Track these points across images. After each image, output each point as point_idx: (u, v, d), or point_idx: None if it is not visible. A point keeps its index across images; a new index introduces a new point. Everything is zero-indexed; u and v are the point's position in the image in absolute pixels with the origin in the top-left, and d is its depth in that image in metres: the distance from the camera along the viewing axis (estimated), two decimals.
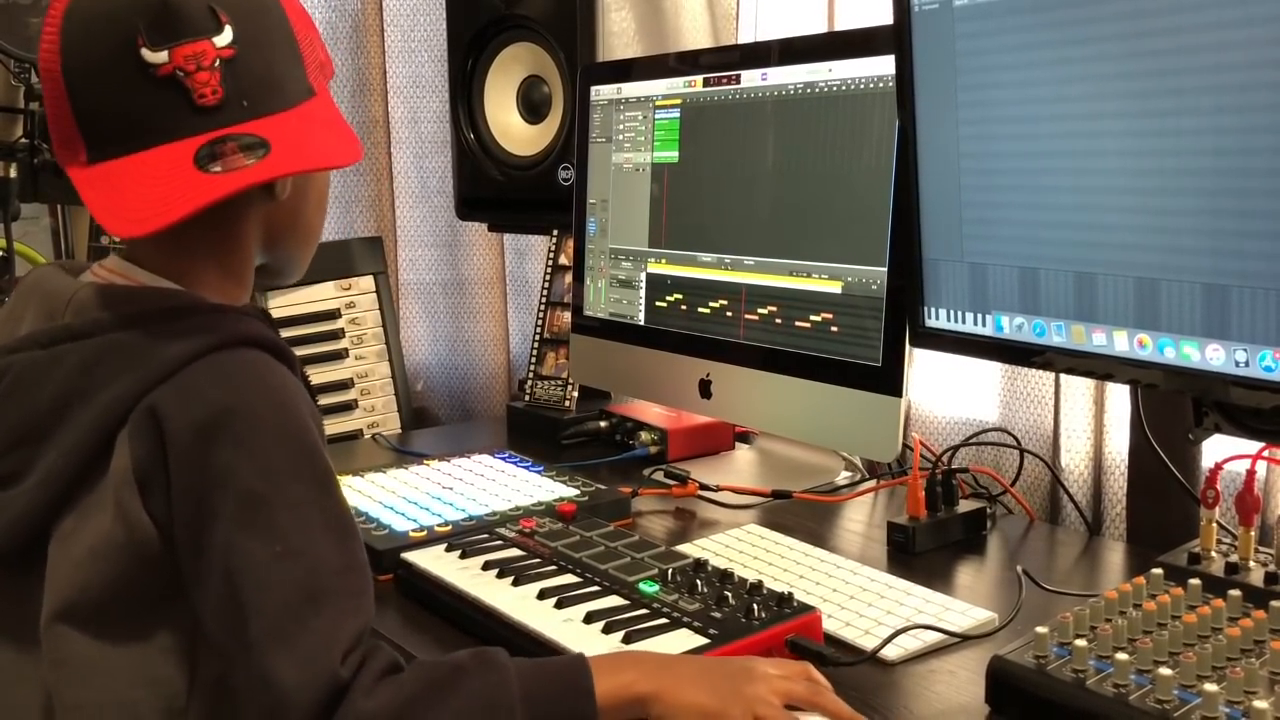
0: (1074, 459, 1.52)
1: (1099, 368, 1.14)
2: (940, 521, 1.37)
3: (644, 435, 1.74)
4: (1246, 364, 1.01)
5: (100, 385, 0.88)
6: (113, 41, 0.89)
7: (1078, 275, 1.12)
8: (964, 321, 1.25)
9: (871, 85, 1.39)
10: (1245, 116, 0.96)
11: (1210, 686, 0.87)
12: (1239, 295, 1.00)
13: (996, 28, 1.15)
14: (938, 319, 1.28)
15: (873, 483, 1.60)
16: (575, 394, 1.89)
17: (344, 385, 2.04)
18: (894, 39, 1.25)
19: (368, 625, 0.88)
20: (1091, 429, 1.51)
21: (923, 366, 1.72)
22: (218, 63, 0.90)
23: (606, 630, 1.04)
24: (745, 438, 1.82)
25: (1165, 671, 0.89)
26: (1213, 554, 1.13)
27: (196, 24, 0.89)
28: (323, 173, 1.04)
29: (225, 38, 0.90)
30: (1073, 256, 1.12)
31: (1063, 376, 1.51)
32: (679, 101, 1.66)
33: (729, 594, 1.09)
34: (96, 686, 0.88)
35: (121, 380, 0.87)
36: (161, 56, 0.89)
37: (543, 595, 1.13)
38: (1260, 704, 0.83)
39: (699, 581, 1.13)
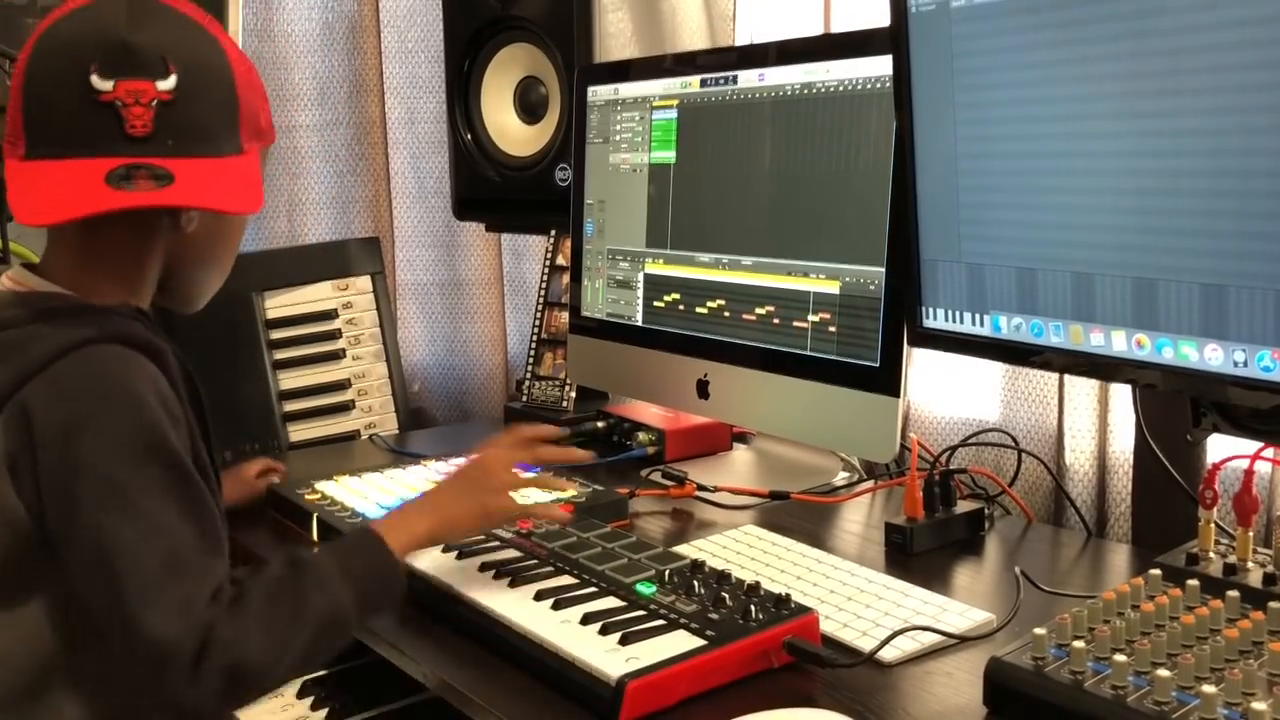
0: (1078, 459, 1.52)
1: (1097, 368, 1.14)
2: (938, 522, 1.37)
3: (642, 436, 1.74)
4: (1245, 364, 1.01)
5: None
6: (71, 62, 1.02)
7: (1075, 275, 1.12)
8: (962, 322, 1.25)
9: (869, 86, 1.39)
10: (1243, 117, 0.96)
11: (1208, 688, 0.86)
12: (1237, 295, 0.99)
13: (993, 29, 1.14)
14: (935, 319, 1.27)
15: (870, 483, 1.60)
16: (573, 394, 1.89)
17: (341, 386, 2.04)
18: (891, 40, 1.25)
19: (223, 582, 0.99)
20: (1095, 429, 1.51)
21: (924, 367, 1.71)
22: (155, 103, 1.02)
23: (604, 631, 1.04)
24: (743, 438, 1.82)
25: (1163, 673, 0.89)
26: (1211, 555, 1.12)
27: (146, 67, 1.02)
28: (235, 218, 1.16)
29: (168, 84, 1.03)
30: (1070, 257, 1.12)
31: (1067, 376, 1.51)
32: (676, 102, 1.66)
33: (726, 595, 1.09)
34: None
35: (1, 377, 0.98)
36: (108, 85, 1.02)
37: (540, 596, 1.13)
38: (1259, 705, 0.83)
39: (696, 583, 1.13)
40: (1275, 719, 0.83)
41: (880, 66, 1.35)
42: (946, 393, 1.71)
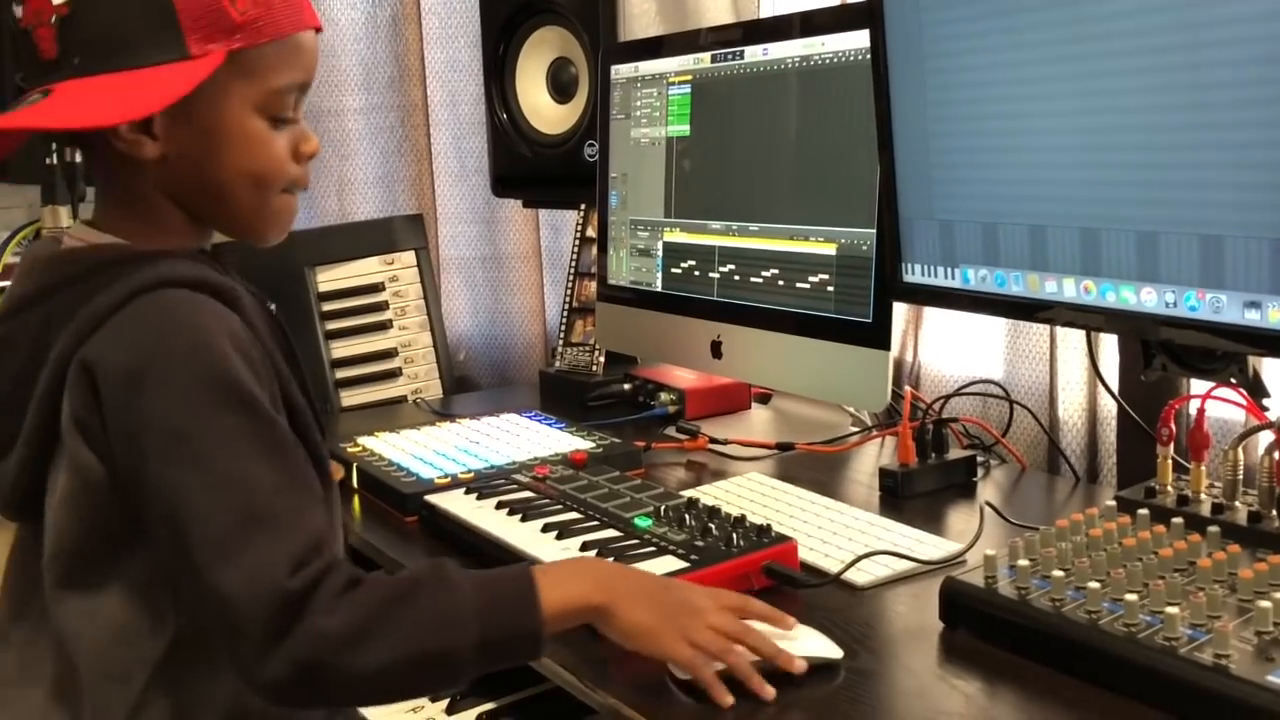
0: (1069, 410, 1.59)
1: (1053, 315, 1.22)
2: (930, 468, 1.45)
3: (663, 396, 1.84)
4: (1174, 304, 1.08)
5: (51, 346, 0.93)
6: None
7: (1031, 228, 1.20)
8: (936, 275, 1.33)
9: (862, 57, 1.47)
10: (1163, 76, 1.04)
11: (1130, 597, 0.95)
12: (1166, 241, 1.07)
13: (957, 1, 1.23)
14: (914, 274, 1.36)
15: (866, 433, 1.68)
16: (602, 359, 2.00)
17: (389, 354, 2.17)
18: (868, 15, 1.33)
19: (315, 539, 0.90)
20: (1085, 380, 1.58)
21: (933, 327, 1.79)
22: (54, 19, 0.91)
23: (599, 556, 1.15)
24: (764, 398, 1.91)
25: (1094, 585, 0.98)
26: (1169, 488, 1.20)
27: None
28: (231, 126, 0.99)
29: None
30: (1026, 210, 1.20)
31: (1059, 330, 1.58)
32: (690, 78, 1.76)
33: (713, 526, 1.19)
34: (82, 636, 0.94)
35: (63, 338, 0.92)
36: (19, 11, 0.93)
37: (546, 529, 1.24)
38: (1171, 610, 0.92)
39: (689, 516, 1.23)
40: (1188, 621, 0.92)
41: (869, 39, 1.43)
42: (954, 351, 1.78)
